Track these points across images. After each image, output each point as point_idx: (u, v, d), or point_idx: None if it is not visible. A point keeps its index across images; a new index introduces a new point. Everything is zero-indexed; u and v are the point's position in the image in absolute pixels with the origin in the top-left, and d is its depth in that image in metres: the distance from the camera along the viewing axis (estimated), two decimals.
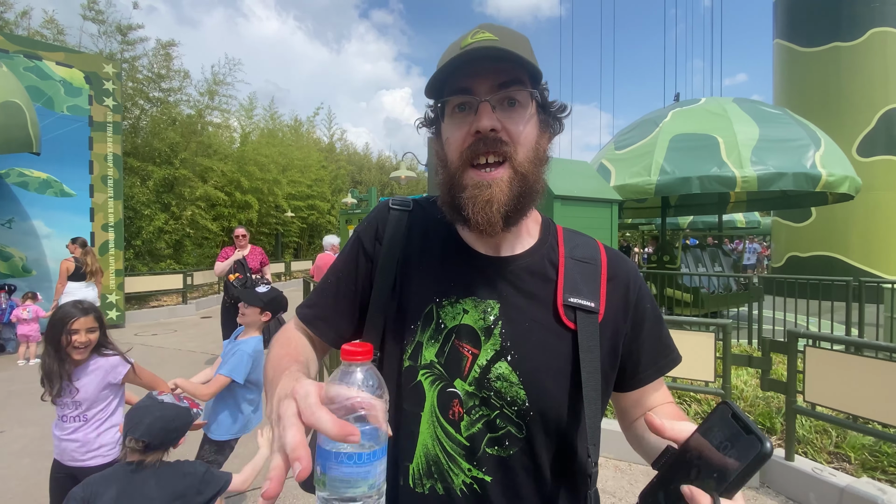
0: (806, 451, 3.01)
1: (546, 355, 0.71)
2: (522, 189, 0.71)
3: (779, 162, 6.38)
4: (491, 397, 0.70)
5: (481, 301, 0.75)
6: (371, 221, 0.86)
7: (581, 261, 0.79)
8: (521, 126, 0.71)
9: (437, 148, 0.79)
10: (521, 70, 0.70)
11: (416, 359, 0.74)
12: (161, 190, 11.41)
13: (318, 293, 0.86)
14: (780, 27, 12.17)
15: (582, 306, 0.73)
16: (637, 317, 0.79)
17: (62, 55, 7.77)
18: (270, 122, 20.32)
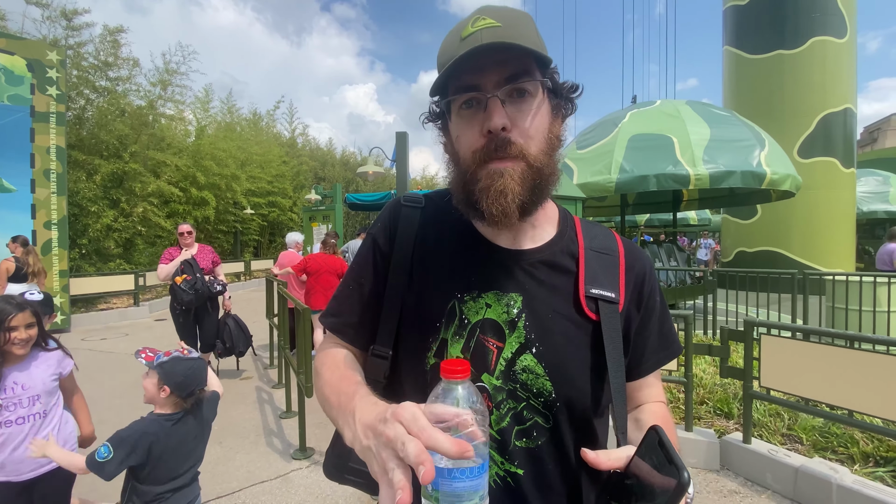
0: (761, 434, 3.19)
1: (570, 346, 0.72)
2: (537, 181, 0.71)
3: (728, 160, 6.73)
4: (517, 389, 0.71)
5: (504, 294, 0.74)
6: (384, 221, 0.85)
7: (600, 252, 0.80)
8: (533, 119, 0.70)
9: (448, 145, 0.78)
10: (528, 58, 0.69)
11: (442, 355, 0.74)
12: (109, 185, 10.76)
13: (340, 300, 0.85)
14: (728, 35, 12.83)
15: (603, 297, 0.74)
16: (648, 308, 0.81)
17: (3, 42, 7.20)
18: (228, 116, 19.60)
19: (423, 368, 0.75)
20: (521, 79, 0.68)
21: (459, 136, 0.73)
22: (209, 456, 3.37)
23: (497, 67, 0.68)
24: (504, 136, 0.68)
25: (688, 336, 3.28)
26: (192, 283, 4.59)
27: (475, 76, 0.68)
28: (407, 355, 0.78)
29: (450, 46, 0.70)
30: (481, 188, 0.69)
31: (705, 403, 3.68)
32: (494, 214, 0.69)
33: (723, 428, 3.34)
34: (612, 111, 9.17)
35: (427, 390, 0.73)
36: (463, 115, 0.71)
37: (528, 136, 0.70)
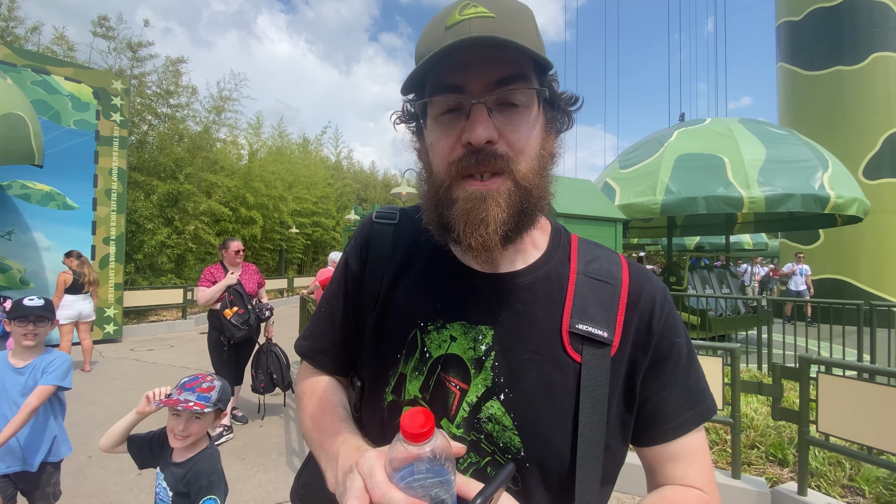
0: (819, 485, 2.83)
1: (546, 395, 0.59)
2: (525, 205, 0.59)
3: (786, 183, 6.29)
4: (482, 441, 0.59)
5: (472, 327, 0.63)
6: (357, 239, 0.78)
7: (597, 279, 0.65)
8: (524, 132, 0.58)
9: (421, 152, 0.66)
10: (524, 60, 0.57)
11: (400, 393, 0.65)
12: (165, 204, 11.46)
13: (315, 323, 0.80)
14: (783, 51, 12.25)
15: (591, 335, 0.61)
16: (661, 351, 0.64)
17: (71, 70, 7.90)
18: (279, 140, 20.56)
19: (381, 405, 0.67)
20: (514, 83, 0.57)
21: (434, 144, 0.61)
22: (230, 472, 3.37)
23: (486, 67, 0.56)
24: (488, 149, 0.56)
25: (735, 371, 2.99)
26: (245, 318, 3.94)
27: (457, 75, 0.57)
28: (370, 388, 0.70)
29: (432, 35, 0.58)
30: (459, 213, 0.58)
31: (756, 448, 3.32)
32: (473, 247, 0.58)
33: (775, 476, 2.99)
34: (658, 130, 8.87)
35: (384, 430, 0.66)
36: (441, 121, 0.60)
37: (517, 150, 0.58)
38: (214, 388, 1.63)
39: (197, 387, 1.60)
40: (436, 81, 0.58)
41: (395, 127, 0.70)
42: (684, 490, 0.62)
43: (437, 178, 0.61)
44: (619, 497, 3.02)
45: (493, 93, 0.56)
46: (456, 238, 0.60)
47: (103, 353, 7.33)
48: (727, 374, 3.04)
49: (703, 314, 7.21)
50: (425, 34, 0.60)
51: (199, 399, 1.57)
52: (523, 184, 0.58)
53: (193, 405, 1.54)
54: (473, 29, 0.53)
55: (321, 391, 0.74)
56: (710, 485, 0.63)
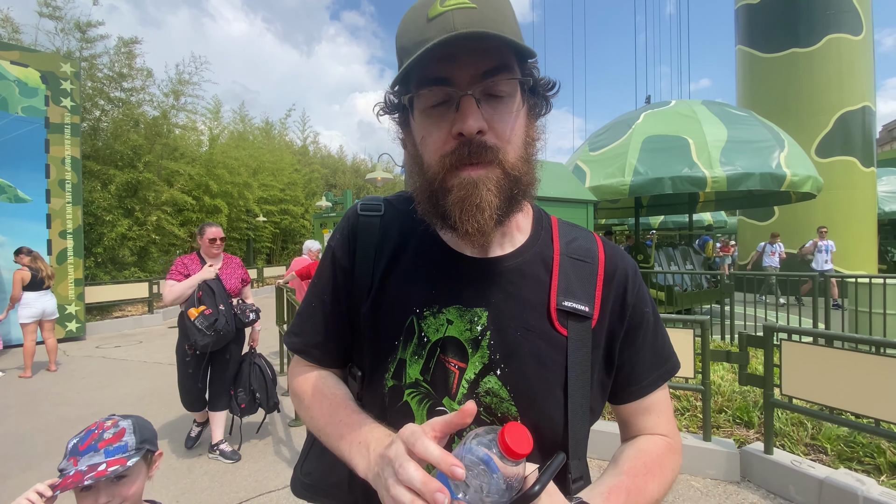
0: (784, 444, 3.06)
1: (538, 367, 0.65)
2: (515, 191, 0.63)
3: (746, 162, 6.59)
4: (481, 413, 0.65)
5: (467, 309, 0.67)
6: (342, 232, 0.78)
7: (577, 258, 0.71)
8: (511, 122, 0.61)
9: (408, 143, 0.68)
10: (508, 50, 0.59)
11: (400, 377, 0.68)
12: (124, 194, 10.92)
13: (304, 318, 0.80)
14: (741, 34, 12.65)
15: (575, 311, 0.66)
16: (634, 320, 0.72)
17: (17, 54, 7.36)
18: (240, 125, 19.83)
19: (382, 391, 0.70)
20: (500, 74, 0.59)
21: (425, 138, 0.63)
22: (217, 465, 3.36)
23: (472, 59, 0.58)
24: (479, 140, 0.59)
25: (705, 342, 3.17)
26: (211, 321, 3.16)
27: (445, 68, 0.58)
28: (369, 376, 0.73)
29: (414, 27, 0.59)
30: (454, 201, 0.60)
31: (724, 412, 3.55)
32: (470, 232, 0.61)
33: (743, 437, 3.21)
34: (626, 112, 9.07)
35: (385, 414, 0.69)
36: (430, 113, 0.61)
37: (505, 140, 0.61)
38: (123, 430, 1.20)
39: (98, 440, 1.15)
40: (423, 74, 0.59)
41: (379, 118, 0.71)
42: (653, 438, 0.73)
43: (430, 170, 0.63)
44: (599, 465, 3.19)
45: (480, 84, 0.59)
46: (452, 225, 0.62)
47: (67, 351, 7.03)
48: (697, 345, 3.21)
49: (669, 289, 7.54)
50: (406, 25, 0.61)
51: (110, 455, 1.14)
52: (512, 173, 0.61)
53: (107, 468, 1.10)
54: (457, 21, 0.55)
55: (324, 387, 0.74)
56: (673, 430, 0.75)
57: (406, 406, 0.68)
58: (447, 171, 0.61)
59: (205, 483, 3.11)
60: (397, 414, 0.68)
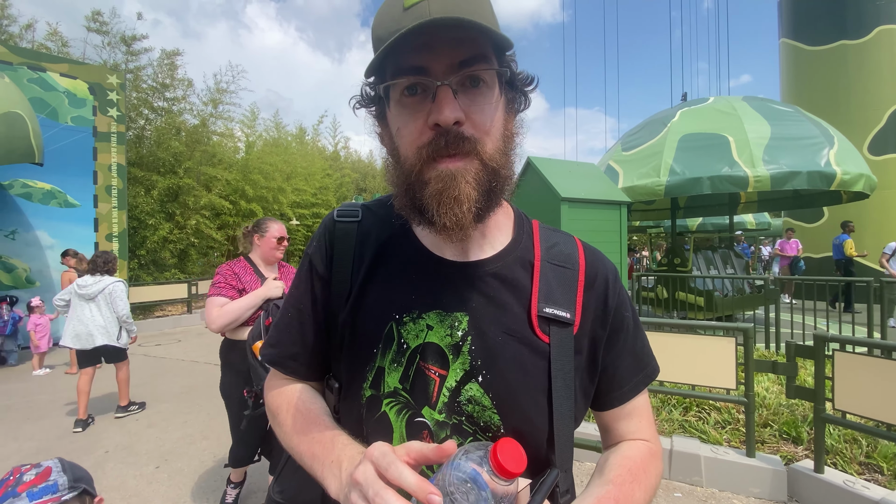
0: (835, 462, 2.84)
1: (520, 374, 0.63)
2: (493, 184, 0.61)
3: (792, 160, 6.23)
4: (463, 423, 0.63)
5: (447, 314, 0.65)
6: (319, 240, 0.75)
7: (557, 264, 0.70)
8: (489, 112, 0.59)
9: (385, 137, 0.66)
10: (485, 40, 0.57)
11: (379, 386, 0.65)
12: (165, 199, 11.39)
13: (280, 329, 0.76)
14: (785, 26, 12.07)
15: (557, 317, 0.65)
16: (615, 325, 0.71)
17: (66, 66, 7.80)
18: (275, 132, 20.38)
19: (359, 401, 0.67)
20: (477, 64, 0.57)
21: (401, 129, 0.61)
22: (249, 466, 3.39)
23: (449, 48, 0.56)
24: (456, 131, 0.57)
25: (748, 351, 2.98)
26: None
27: (421, 57, 0.57)
28: (347, 386, 0.70)
29: (389, 17, 0.57)
30: (431, 193, 0.58)
31: (769, 426, 3.33)
32: (448, 226, 0.59)
33: (790, 454, 3.00)
34: (660, 110, 8.77)
35: (362, 426, 0.63)
36: (405, 104, 0.60)
37: (483, 131, 0.59)
38: (49, 468, 1.08)
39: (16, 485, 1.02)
40: (398, 64, 0.58)
41: (355, 112, 0.69)
42: (636, 443, 0.72)
43: (406, 163, 0.61)
44: None
45: (456, 74, 0.57)
46: (430, 219, 0.60)
47: None
48: (740, 354, 3.03)
49: (708, 295, 7.21)
50: (382, 16, 0.59)
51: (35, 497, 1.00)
52: (490, 164, 0.60)
53: None
54: (433, 9, 0.53)
55: (298, 401, 0.72)
56: (654, 435, 0.74)
57: (384, 416, 0.65)
58: (424, 162, 0.59)
59: None
60: (375, 425, 0.66)
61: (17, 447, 3.75)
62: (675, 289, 7.43)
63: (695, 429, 3.31)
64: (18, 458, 3.56)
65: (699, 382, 3.12)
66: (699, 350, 3.12)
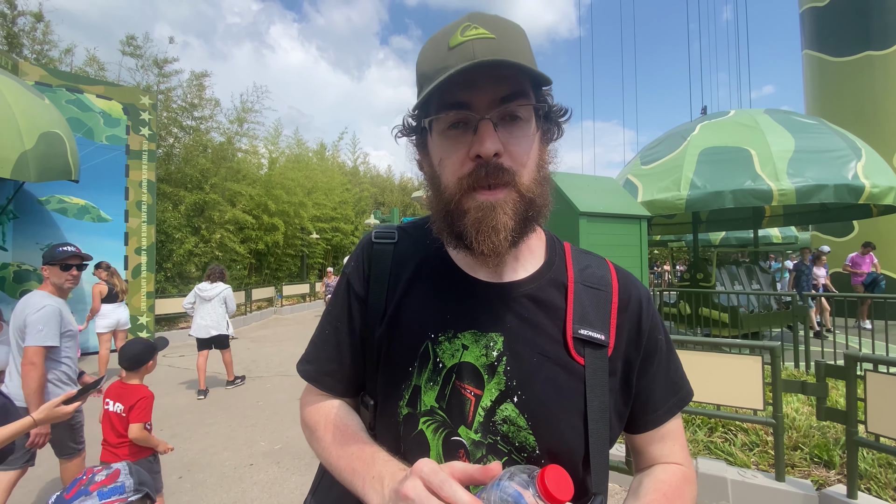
0: (869, 488, 2.73)
1: (556, 395, 0.64)
2: (529, 213, 0.64)
3: (818, 174, 6.11)
4: (498, 442, 0.64)
5: (483, 334, 0.67)
6: (357, 260, 0.79)
7: (591, 286, 0.71)
8: (525, 146, 0.63)
9: (425, 165, 0.70)
10: (524, 78, 0.61)
11: (416, 405, 0.67)
12: (192, 214, 11.75)
13: (318, 346, 0.79)
14: (808, 38, 11.89)
15: (592, 339, 0.66)
16: (649, 348, 0.71)
17: (102, 88, 8.18)
18: (296, 148, 20.88)
19: (396, 419, 0.68)
20: (517, 100, 0.61)
21: (444, 160, 0.64)
22: (267, 475, 3.44)
23: (491, 85, 0.60)
24: (496, 162, 0.60)
25: (775, 370, 2.91)
26: None
27: (465, 93, 0.61)
28: (383, 404, 0.72)
29: (435, 55, 0.62)
30: (471, 222, 0.62)
31: (800, 449, 3.22)
32: (486, 253, 0.62)
33: (822, 478, 2.89)
34: (680, 123, 8.71)
35: (399, 444, 0.68)
36: (448, 136, 0.63)
37: (520, 163, 0.63)
38: (118, 471, 1.15)
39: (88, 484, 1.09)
40: (443, 99, 0.61)
41: (397, 140, 0.73)
42: (670, 467, 0.71)
43: (447, 191, 0.64)
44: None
45: (497, 109, 0.61)
46: (468, 244, 0.63)
47: None
48: (767, 373, 2.96)
49: (733, 311, 7.04)
50: (428, 53, 0.64)
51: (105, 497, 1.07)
52: (527, 195, 0.63)
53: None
54: (477, 50, 0.58)
55: (336, 417, 0.73)
56: (687, 458, 0.74)
57: (421, 435, 0.66)
58: (464, 192, 0.62)
59: (255, 493, 3.19)
60: (412, 443, 0.67)
61: None
62: (699, 304, 7.28)
63: (721, 450, 3.22)
64: None
65: (724, 402, 3.05)
66: (724, 368, 3.05)
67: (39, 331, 2.42)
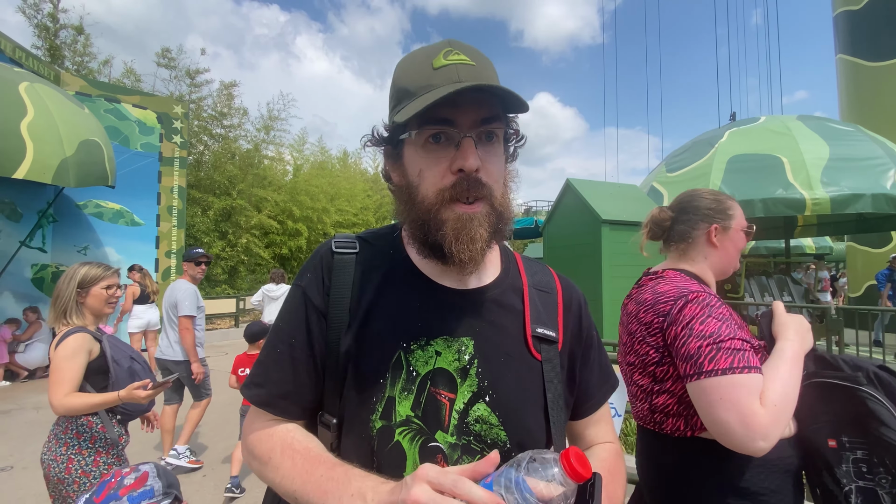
0: None
1: (521, 391, 0.69)
2: (499, 224, 0.69)
3: (854, 182, 5.89)
4: (471, 442, 0.66)
5: (454, 340, 0.69)
6: (315, 271, 0.74)
7: (541, 290, 0.79)
8: (499, 164, 0.69)
9: (395, 176, 0.73)
10: (499, 103, 0.67)
11: (390, 416, 0.65)
12: (219, 219, 12.08)
13: (268, 367, 0.73)
14: (842, 42, 11.53)
15: (546, 336, 0.72)
16: (587, 343, 0.80)
17: (138, 98, 8.54)
18: (320, 155, 21.28)
19: (368, 434, 0.66)
20: (495, 122, 0.67)
21: (424, 171, 0.67)
22: None
23: (473, 107, 0.65)
24: (475, 177, 0.65)
25: None
26: None
27: (450, 111, 0.64)
28: (350, 420, 0.68)
29: (418, 73, 0.66)
30: (450, 232, 0.65)
31: None
32: (464, 261, 0.66)
33: None
34: (707, 130, 8.54)
35: (373, 458, 0.66)
36: (429, 149, 0.67)
37: (494, 179, 0.68)
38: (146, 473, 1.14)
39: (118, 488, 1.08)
40: (427, 115, 0.64)
41: (364, 148, 0.79)
42: (605, 446, 0.80)
43: (425, 201, 0.67)
44: None
45: (479, 128, 0.66)
46: (446, 253, 0.66)
47: None
48: None
49: None
50: (409, 69, 0.68)
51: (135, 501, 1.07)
52: (498, 208, 0.68)
53: None
54: (462, 74, 0.64)
55: (294, 441, 0.67)
56: (615, 436, 0.84)
57: (397, 446, 0.65)
58: (444, 203, 0.66)
59: None
60: (387, 456, 0.65)
61: None
62: None
63: None
64: None
65: None
66: None
67: (186, 306, 3.65)
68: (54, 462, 1.73)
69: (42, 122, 5.46)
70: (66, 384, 1.74)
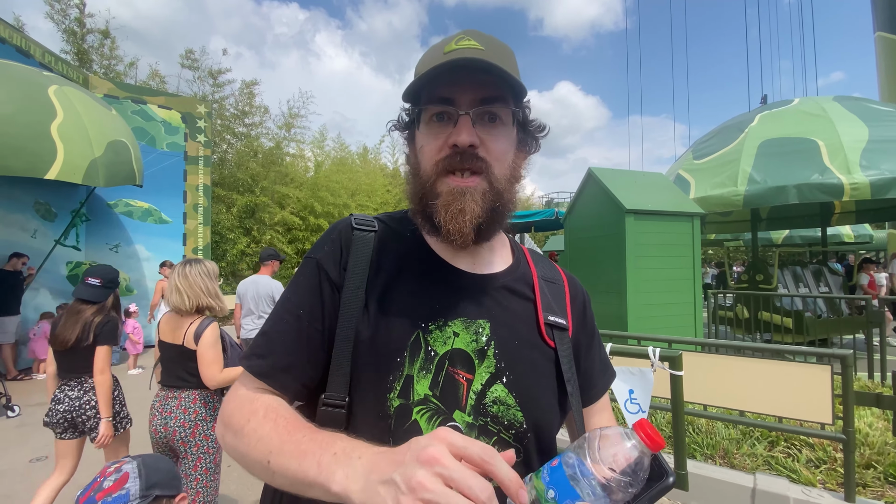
0: None
1: (537, 374, 0.71)
2: (496, 204, 0.70)
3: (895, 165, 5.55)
4: (488, 423, 0.66)
5: (472, 321, 0.70)
6: (332, 245, 0.73)
7: (550, 281, 0.82)
8: (501, 143, 0.70)
9: (411, 156, 0.76)
10: (504, 85, 0.68)
11: (408, 395, 0.65)
12: (243, 216, 12.32)
13: (271, 338, 0.69)
14: (880, 19, 10.92)
15: (558, 324, 0.75)
16: (589, 333, 0.84)
17: (163, 99, 8.74)
18: (340, 151, 21.46)
19: (386, 412, 0.64)
20: (495, 103, 0.68)
21: (424, 146, 0.71)
22: None
23: (473, 87, 0.67)
24: (471, 152, 0.67)
25: (847, 381, 2.65)
26: None
27: (450, 90, 0.68)
28: (364, 399, 0.65)
29: (431, 59, 0.68)
30: (441, 204, 0.68)
31: (873, 467, 2.92)
32: (451, 233, 0.67)
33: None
34: (736, 115, 8.19)
35: (390, 436, 0.63)
36: (431, 127, 0.70)
37: (494, 156, 0.69)
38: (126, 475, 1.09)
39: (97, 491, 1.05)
40: (431, 94, 0.69)
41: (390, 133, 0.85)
42: None
43: (424, 174, 0.70)
44: None
45: (477, 107, 0.68)
46: (437, 224, 0.68)
47: None
48: (837, 384, 2.70)
49: (798, 316, 6.54)
50: (425, 58, 0.71)
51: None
52: (496, 185, 0.69)
53: None
54: (466, 56, 0.65)
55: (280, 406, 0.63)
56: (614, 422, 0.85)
57: (415, 425, 0.64)
58: (438, 175, 0.68)
59: None
60: (406, 434, 0.62)
61: None
62: (759, 308, 6.81)
63: (783, 466, 2.98)
64: None
65: (787, 415, 2.81)
66: (788, 378, 2.81)
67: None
68: (181, 428, 2.18)
69: (71, 123, 5.63)
70: (218, 363, 2.21)
